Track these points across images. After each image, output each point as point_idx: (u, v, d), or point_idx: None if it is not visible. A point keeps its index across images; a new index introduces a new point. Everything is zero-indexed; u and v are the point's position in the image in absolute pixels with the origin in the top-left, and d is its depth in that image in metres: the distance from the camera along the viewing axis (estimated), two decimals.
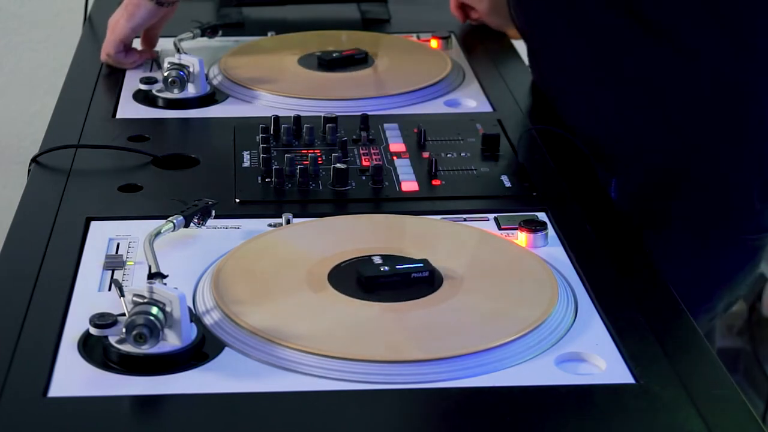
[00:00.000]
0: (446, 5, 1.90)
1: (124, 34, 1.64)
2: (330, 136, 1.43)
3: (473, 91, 1.63)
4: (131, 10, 1.63)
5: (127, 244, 1.21)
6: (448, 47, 1.79)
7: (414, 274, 1.11)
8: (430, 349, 1.02)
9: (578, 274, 1.17)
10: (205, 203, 1.24)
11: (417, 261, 1.13)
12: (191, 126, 1.52)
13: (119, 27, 1.64)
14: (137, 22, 1.63)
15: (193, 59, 1.56)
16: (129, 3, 1.63)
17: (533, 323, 1.05)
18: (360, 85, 1.62)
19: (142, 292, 1.03)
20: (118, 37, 1.64)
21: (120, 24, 1.64)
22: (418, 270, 1.11)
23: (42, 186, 1.35)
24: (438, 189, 1.34)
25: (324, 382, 1.00)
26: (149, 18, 1.64)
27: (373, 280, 1.10)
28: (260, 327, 1.04)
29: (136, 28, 1.64)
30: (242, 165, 1.38)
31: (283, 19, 1.94)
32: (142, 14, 1.63)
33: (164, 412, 0.98)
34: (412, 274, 1.11)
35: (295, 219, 1.25)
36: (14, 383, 0.99)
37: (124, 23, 1.63)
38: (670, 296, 1.14)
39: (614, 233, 1.27)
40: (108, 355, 1.02)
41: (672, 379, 1.00)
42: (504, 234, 1.24)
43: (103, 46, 1.67)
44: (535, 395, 0.99)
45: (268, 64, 1.68)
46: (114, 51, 1.65)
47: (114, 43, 1.64)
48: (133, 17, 1.63)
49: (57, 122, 1.52)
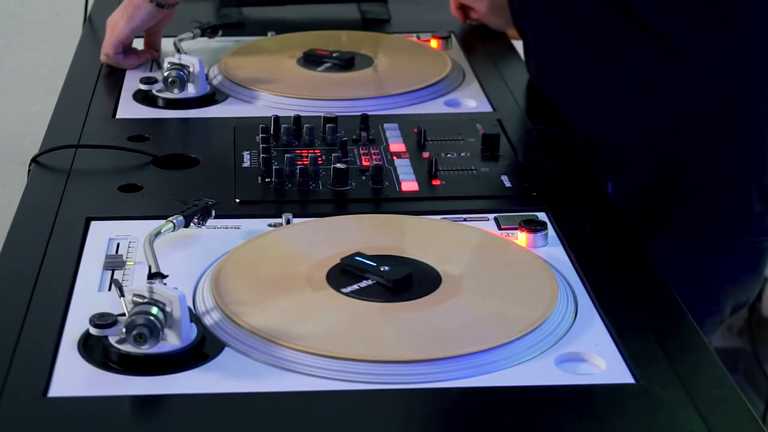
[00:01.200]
0: (446, 5, 1.90)
1: (123, 36, 1.64)
2: (330, 136, 1.43)
3: (473, 91, 1.63)
4: (131, 12, 1.63)
5: (127, 244, 1.21)
6: (448, 47, 1.79)
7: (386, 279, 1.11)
8: (430, 349, 1.02)
9: (578, 274, 1.17)
10: (205, 203, 1.24)
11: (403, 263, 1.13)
12: (191, 126, 1.52)
13: (119, 28, 1.64)
14: (137, 23, 1.63)
15: (193, 59, 1.56)
16: (129, 4, 1.63)
17: (533, 323, 1.05)
18: (360, 85, 1.62)
19: (142, 292, 1.03)
20: (117, 38, 1.64)
21: (119, 25, 1.63)
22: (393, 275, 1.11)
23: (42, 186, 1.35)
24: (438, 189, 1.34)
25: (324, 382, 1.00)
26: (149, 20, 1.64)
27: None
28: (260, 327, 1.04)
29: (136, 29, 1.64)
30: (242, 165, 1.38)
31: (283, 19, 1.94)
32: (142, 16, 1.63)
33: (164, 412, 0.98)
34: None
35: (295, 219, 1.25)
36: (14, 383, 0.99)
37: (123, 25, 1.63)
38: (670, 296, 1.14)
39: (614, 233, 1.27)
40: (108, 355, 1.02)
41: (672, 379, 1.00)
42: (504, 234, 1.24)
43: (103, 47, 1.67)
44: (535, 395, 0.99)
45: (268, 64, 1.68)
46: (113, 52, 1.65)
47: (113, 44, 1.64)
48: (133, 19, 1.63)
49: (57, 122, 1.52)
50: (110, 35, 1.65)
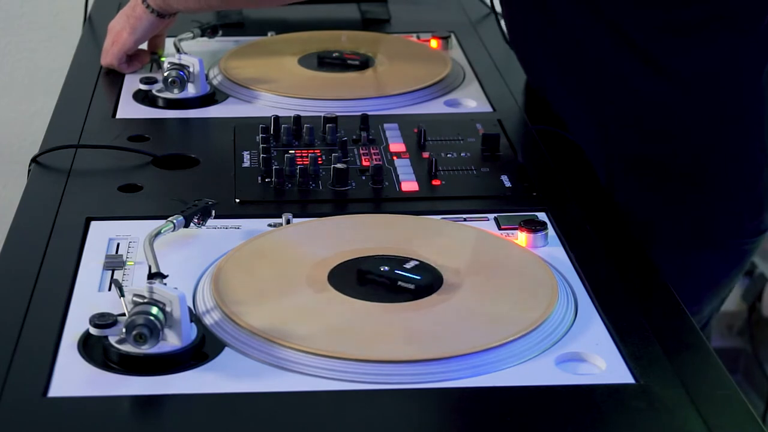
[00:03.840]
0: (446, 5, 1.90)
1: (127, 47, 1.64)
2: (330, 136, 1.43)
3: (473, 91, 1.63)
4: (133, 23, 1.63)
5: (127, 244, 1.21)
6: (448, 47, 1.79)
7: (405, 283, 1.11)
8: (429, 349, 1.02)
9: (578, 274, 1.17)
10: (205, 203, 1.24)
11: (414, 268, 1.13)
12: (191, 126, 1.52)
13: (122, 39, 1.64)
14: (140, 35, 1.64)
15: (193, 59, 1.56)
16: (131, 15, 1.63)
17: (533, 323, 1.05)
18: (360, 85, 1.62)
19: (142, 292, 1.03)
20: (121, 50, 1.64)
21: (123, 36, 1.63)
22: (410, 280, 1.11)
23: (42, 186, 1.35)
24: (438, 189, 1.34)
25: (324, 382, 1.00)
26: (152, 30, 1.64)
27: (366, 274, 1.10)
28: (260, 327, 1.04)
29: (139, 41, 1.65)
30: (242, 165, 1.38)
31: (283, 19, 1.94)
32: (145, 26, 1.63)
33: (164, 412, 0.98)
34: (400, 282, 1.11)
35: (295, 219, 1.25)
36: (14, 383, 0.99)
37: (127, 36, 1.63)
38: (670, 296, 1.14)
39: (614, 233, 1.27)
40: (108, 355, 1.02)
41: (672, 379, 1.00)
42: (504, 234, 1.24)
43: (105, 55, 1.66)
44: (535, 395, 0.99)
45: (268, 64, 1.68)
46: (117, 63, 1.65)
47: (117, 56, 1.65)
48: (136, 30, 1.63)
49: (57, 122, 1.52)
50: (113, 46, 1.65)
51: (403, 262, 1.13)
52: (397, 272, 1.11)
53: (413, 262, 1.13)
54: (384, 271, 1.11)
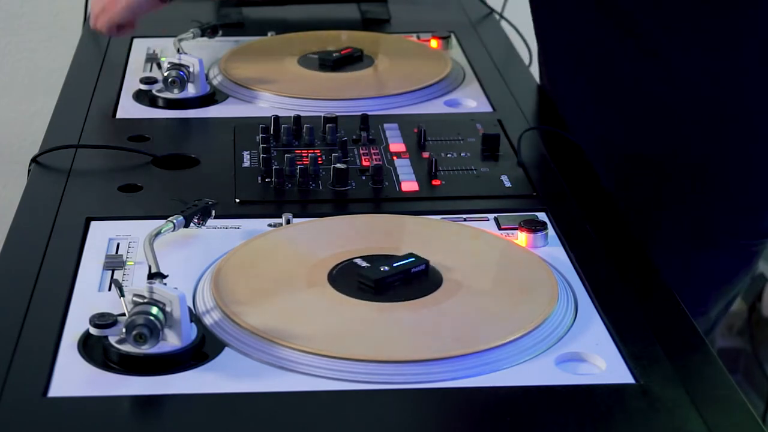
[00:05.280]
0: (446, 5, 1.90)
1: (120, 18, 1.64)
2: (330, 136, 1.43)
3: (473, 91, 1.63)
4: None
5: (127, 244, 1.21)
6: (448, 47, 1.79)
7: (412, 269, 1.11)
8: (430, 349, 1.02)
9: (578, 274, 1.17)
10: (205, 203, 1.24)
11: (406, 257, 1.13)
12: (191, 126, 1.52)
13: (117, 11, 1.63)
14: (135, 10, 1.63)
15: (193, 59, 1.56)
16: None
17: (533, 323, 1.05)
18: (360, 85, 1.62)
19: (142, 292, 1.03)
20: (114, 20, 1.64)
21: (117, 9, 1.63)
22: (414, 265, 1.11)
23: (42, 186, 1.35)
24: (438, 189, 1.34)
25: (324, 382, 1.00)
26: (147, 8, 1.63)
27: (382, 281, 1.10)
28: (260, 327, 1.04)
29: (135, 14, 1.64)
30: (242, 165, 1.38)
31: (283, 19, 1.94)
32: (141, 3, 1.63)
33: (164, 412, 0.98)
34: (411, 270, 1.11)
35: (295, 219, 1.25)
36: (14, 383, 0.99)
37: (121, 10, 1.63)
38: (670, 296, 1.14)
39: (614, 233, 1.27)
40: (108, 355, 1.02)
41: (672, 379, 1.00)
42: (504, 234, 1.24)
43: (96, 20, 1.66)
44: (535, 395, 0.99)
45: (268, 64, 1.68)
46: (107, 31, 1.66)
47: (108, 24, 1.65)
48: (131, 5, 1.63)
49: (57, 122, 1.52)
50: (105, 14, 1.64)
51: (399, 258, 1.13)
52: (395, 265, 1.11)
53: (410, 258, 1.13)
54: (390, 269, 1.11)
